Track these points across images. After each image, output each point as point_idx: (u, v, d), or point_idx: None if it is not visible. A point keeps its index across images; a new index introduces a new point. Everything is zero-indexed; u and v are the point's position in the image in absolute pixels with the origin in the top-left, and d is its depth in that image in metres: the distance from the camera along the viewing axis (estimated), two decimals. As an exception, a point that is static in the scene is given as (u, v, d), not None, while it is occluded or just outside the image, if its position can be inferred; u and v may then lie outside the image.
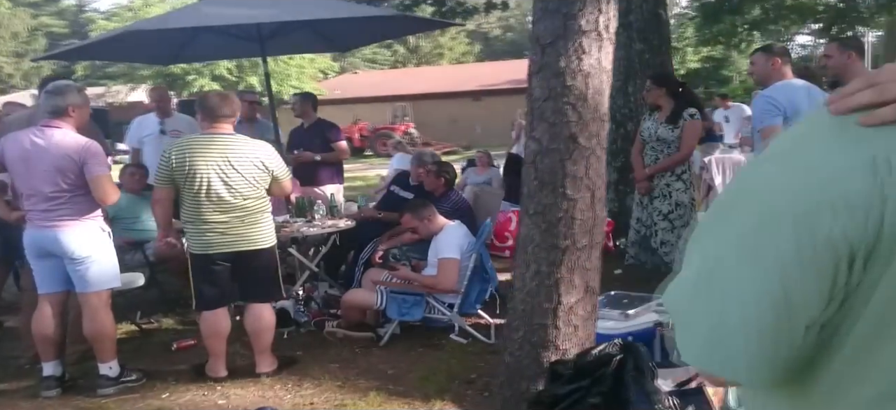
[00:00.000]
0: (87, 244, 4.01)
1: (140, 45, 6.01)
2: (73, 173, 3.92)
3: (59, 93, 4.02)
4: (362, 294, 4.81)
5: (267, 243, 4.21)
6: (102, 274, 4.10)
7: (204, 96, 4.17)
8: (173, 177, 4.00)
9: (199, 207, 4.02)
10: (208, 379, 4.28)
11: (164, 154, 4.06)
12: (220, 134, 4.07)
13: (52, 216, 3.95)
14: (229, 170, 4.00)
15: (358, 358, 4.56)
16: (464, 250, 4.71)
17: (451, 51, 47.34)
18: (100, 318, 4.11)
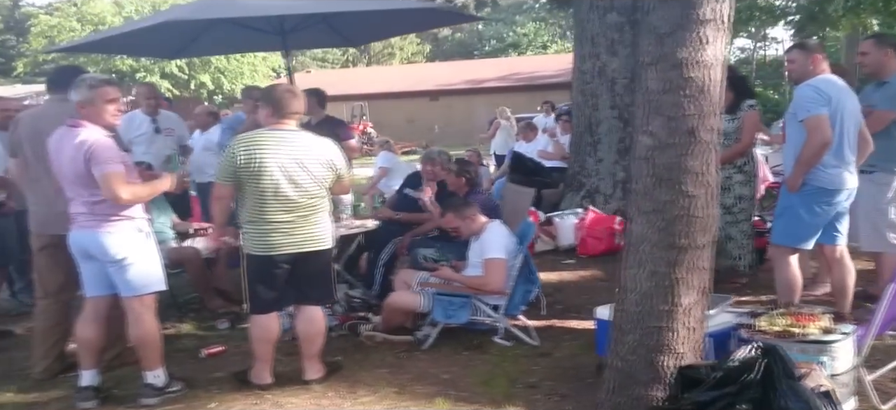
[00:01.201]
0: (123, 246, 3.78)
1: (149, 39, 5.72)
2: (85, 175, 3.68)
3: (79, 88, 3.77)
4: (406, 296, 4.66)
5: (327, 244, 4.03)
6: (143, 278, 3.87)
7: (271, 90, 3.95)
8: (238, 174, 3.78)
9: (263, 206, 3.82)
10: (253, 387, 4.07)
11: (228, 149, 3.83)
12: (287, 130, 3.88)
13: (89, 217, 3.73)
14: (298, 168, 3.82)
15: (404, 363, 4.42)
16: (509, 250, 4.61)
17: (403, 51, 47.05)
18: (144, 323, 3.89)
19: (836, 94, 4.21)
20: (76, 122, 3.73)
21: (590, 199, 7.36)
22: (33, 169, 4.14)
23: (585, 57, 7.46)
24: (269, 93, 3.97)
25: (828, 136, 4.10)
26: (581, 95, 7.55)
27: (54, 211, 4.10)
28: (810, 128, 4.11)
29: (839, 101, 4.20)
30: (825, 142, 4.10)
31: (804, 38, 13.61)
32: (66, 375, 4.36)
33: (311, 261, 3.98)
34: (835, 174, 4.22)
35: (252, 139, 3.84)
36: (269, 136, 3.84)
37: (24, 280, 5.92)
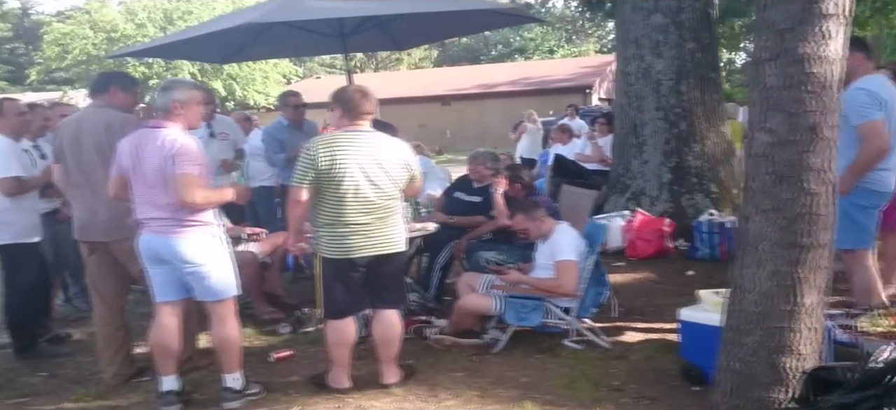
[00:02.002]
0: (200, 251, 3.75)
1: (206, 43, 5.70)
2: (173, 176, 3.65)
3: (167, 90, 3.78)
4: (479, 299, 4.62)
5: (402, 246, 3.99)
6: (221, 282, 3.84)
7: (342, 91, 3.92)
8: (317, 177, 3.74)
9: (342, 209, 3.77)
10: (332, 391, 4.03)
11: (307, 152, 3.78)
12: (363, 131, 3.84)
13: (164, 222, 3.69)
14: (377, 169, 3.78)
15: (479, 366, 4.38)
16: (580, 252, 4.57)
17: (410, 56, 47.04)
18: (227, 327, 3.87)
19: (888, 96, 4.10)
20: (158, 124, 3.71)
21: (635, 201, 7.32)
22: (75, 175, 4.11)
23: (629, 58, 7.43)
24: (341, 95, 3.92)
25: (885, 142, 3.99)
26: (625, 97, 7.52)
27: (97, 218, 4.08)
28: (867, 134, 3.97)
29: (889, 101, 4.08)
30: (882, 149, 4.00)
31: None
32: (139, 379, 4.35)
33: (386, 264, 3.94)
34: (886, 177, 4.14)
35: (331, 141, 3.80)
36: (347, 138, 3.81)
37: (79, 285, 5.90)
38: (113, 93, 4.23)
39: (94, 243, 4.18)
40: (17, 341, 4.73)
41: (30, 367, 4.62)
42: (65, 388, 4.31)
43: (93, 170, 4.04)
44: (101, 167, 4.01)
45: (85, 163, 4.04)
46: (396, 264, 4.02)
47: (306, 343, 4.97)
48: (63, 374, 4.54)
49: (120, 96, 4.25)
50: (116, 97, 4.24)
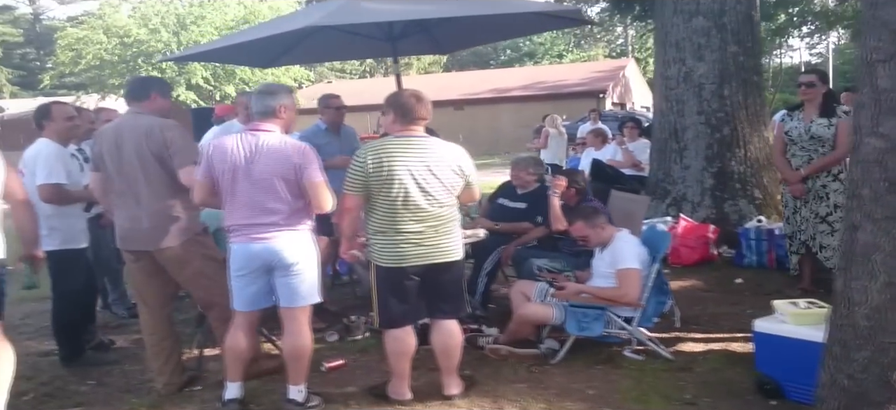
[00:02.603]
0: (302, 254, 3.70)
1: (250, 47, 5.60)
2: (293, 180, 3.60)
3: (270, 93, 3.70)
4: (539, 309, 4.50)
5: (459, 254, 3.87)
6: (311, 287, 3.78)
7: (398, 97, 3.81)
8: (367, 184, 3.64)
9: (393, 216, 3.67)
10: (394, 403, 3.91)
11: (358, 158, 3.69)
12: (415, 136, 3.73)
13: (268, 227, 3.61)
14: (428, 175, 3.66)
15: (540, 377, 4.25)
16: (642, 260, 4.44)
17: (419, 60, 47.03)
18: (305, 335, 3.79)
19: None
20: (257, 126, 3.62)
21: (676, 207, 7.19)
22: (116, 183, 4.00)
23: (669, 62, 7.30)
24: (394, 100, 3.82)
25: None
26: (665, 101, 7.39)
27: (139, 226, 3.97)
28: None
29: None
30: None
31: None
32: (191, 389, 4.24)
33: (442, 273, 3.82)
34: None
35: (381, 146, 3.70)
36: (398, 143, 3.70)
37: (117, 292, 5.81)
38: (153, 98, 4.13)
39: (138, 252, 4.06)
40: (63, 348, 4.63)
41: (77, 375, 4.51)
42: (115, 397, 4.20)
43: (134, 177, 3.92)
44: (143, 174, 3.91)
45: (126, 170, 3.92)
46: (454, 273, 3.90)
47: (356, 351, 4.86)
48: (111, 382, 4.43)
49: (159, 102, 4.16)
50: (156, 102, 4.14)
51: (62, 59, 29.24)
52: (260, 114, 3.69)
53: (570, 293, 4.52)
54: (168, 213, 3.93)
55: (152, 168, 3.87)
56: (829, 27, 12.79)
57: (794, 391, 3.65)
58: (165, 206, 3.91)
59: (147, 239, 3.97)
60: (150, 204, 3.91)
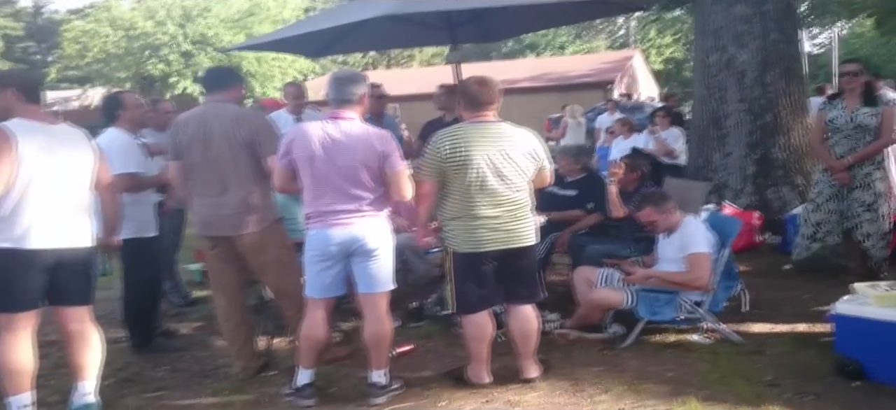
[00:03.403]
0: (382, 241, 3.74)
1: (303, 37, 5.60)
2: (375, 167, 3.62)
3: (352, 81, 3.71)
4: (610, 293, 4.52)
5: (534, 239, 3.89)
6: (389, 273, 3.80)
7: (464, 84, 3.82)
8: (443, 169, 3.65)
9: (469, 201, 3.69)
10: (473, 386, 3.94)
11: (433, 145, 3.71)
12: (489, 121, 3.74)
13: (350, 213, 3.63)
14: (503, 160, 3.68)
15: (613, 361, 4.29)
16: (712, 244, 4.47)
17: (422, 52, 46.93)
18: (384, 321, 3.81)
19: None
20: (338, 114, 3.64)
21: (717, 195, 7.21)
22: (201, 171, 4.00)
23: (709, 50, 7.32)
24: (462, 87, 3.85)
25: None
26: (706, 89, 7.41)
27: (222, 213, 3.99)
28: None
29: None
30: None
31: (884, 31, 13.43)
32: (266, 373, 4.25)
33: (518, 258, 3.84)
34: None
35: (456, 132, 3.72)
36: (472, 129, 3.72)
37: (173, 281, 5.81)
38: (235, 88, 4.19)
39: (217, 237, 4.07)
40: (134, 336, 4.63)
41: (150, 362, 4.52)
42: (194, 382, 4.22)
43: (222, 164, 3.93)
44: (231, 161, 3.92)
45: (213, 157, 3.93)
46: (529, 258, 3.91)
47: (421, 337, 4.87)
48: (185, 368, 4.45)
49: (238, 91, 4.22)
50: (237, 92, 4.20)
51: (68, 51, 29.11)
52: (340, 102, 3.69)
53: (639, 278, 4.54)
54: (249, 200, 3.95)
55: (241, 155, 3.88)
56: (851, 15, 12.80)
57: (877, 372, 3.68)
58: (248, 193, 3.93)
59: (229, 225, 3.98)
60: (235, 190, 3.92)
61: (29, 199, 3.32)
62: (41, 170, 3.34)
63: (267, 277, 4.23)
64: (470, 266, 3.79)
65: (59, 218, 3.42)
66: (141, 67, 28.02)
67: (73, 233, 3.49)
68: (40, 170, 3.34)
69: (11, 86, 3.41)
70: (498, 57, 48.17)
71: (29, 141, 3.31)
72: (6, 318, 3.39)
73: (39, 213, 3.35)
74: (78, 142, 3.59)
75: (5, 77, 3.49)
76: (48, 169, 3.37)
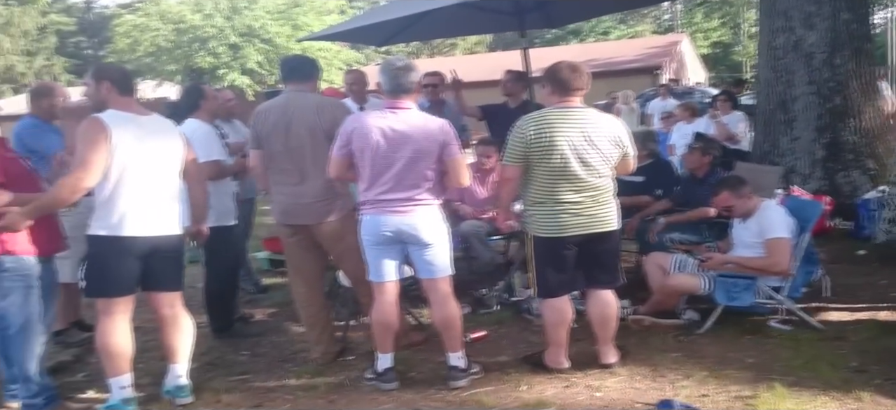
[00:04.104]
0: (435, 229, 3.76)
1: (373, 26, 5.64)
2: (433, 155, 3.66)
3: (409, 69, 3.71)
4: (687, 279, 4.49)
5: (616, 224, 3.88)
6: (446, 259, 3.84)
7: (554, 69, 3.79)
8: (528, 154, 3.66)
9: (553, 186, 3.69)
10: (552, 371, 3.95)
11: (519, 129, 3.71)
12: (574, 107, 3.73)
13: (405, 202, 3.67)
14: (587, 146, 3.67)
15: (690, 347, 4.26)
16: (791, 229, 4.39)
17: (465, 40, 46.85)
18: (450, 305, 3.84)
19: None
20: (396, 104, 3.66)
21: (784, 179, 7.07)
22: (281, 160, 4.06)
23: (777, 31, 7.16)
24: (551, 73, 3.81)
25: None
26: (772, 71, 7.26)
27: (302, 201, 4.05)
28: None
29: None
30: None
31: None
32: (345, 358, 4.32)
33: (600, 243, 3.83)
34: None
35: (542, 117, 3.71)
36: (557, 114, 3.70)
37: (246, 268, 5.92)
38: (313, 77, 4.25)
39: (296, 226, 4.14)
40: (215, 321, 4.76)
41: (230, 346, 4.64)
42: (275, 366, 4.31)
43: (303, 153, 3.99)
44: (311, 151, 3.98)
45: (294, 147, 3.99)
46: (611, 243, 3.90)
47: (492, 323, 4.90)
48: (265, 353, 4.55)
49: (315, 81, 4.28)
50: (314, 81, 4.26)
51: (120, 46, 29.73)
52: (397, 91, 3.70)
53: (716, 263, 4.49)
54: (328, 189, 4.01)
55: (321, 144, 3.94)
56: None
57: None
58: (327, 182, 3.98)
59: (308, 214, 4.05)
60: (315, 180, 3.98)
61: (123, 188, 3.42)
62: (134, 159, 3.44)
63: (345, 265, 4.29)
64: (551, 250, 3.80)
65: (152, 207, 3.52)
66: (190, 60, 28.46)
67: (165, 221, 3.59)
68: (133, 159, 3.44)
69: (107, 79, 3.51)
70: (541, 43, 47.86)
71: (122, 131, 3.41)
72: (104, 303, 3.51)
73: (133, 202, 3.45)
74: (167, 132, 3.69)
75: (101, 70, 3.59)
76: (141, 158, 3.46)
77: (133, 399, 3.61)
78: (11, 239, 3.46)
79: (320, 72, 4.27)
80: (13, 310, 3.51)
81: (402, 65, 3.72)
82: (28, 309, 3.52)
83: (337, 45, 30.07)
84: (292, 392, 3.89)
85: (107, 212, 3.43)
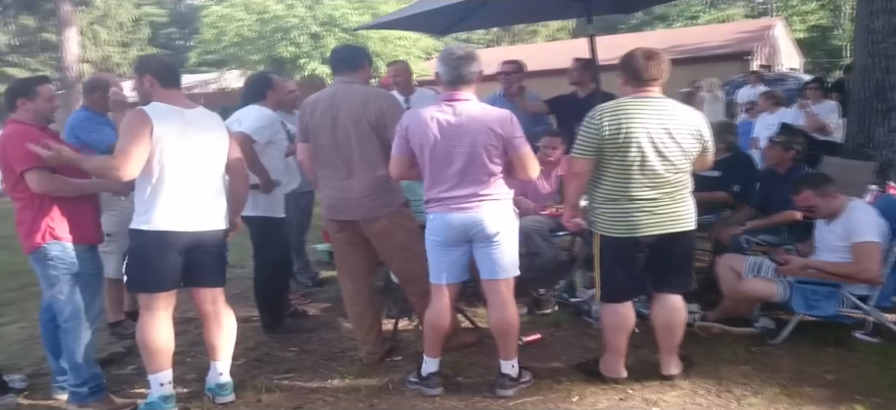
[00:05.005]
0: (505, 225, 3.53)
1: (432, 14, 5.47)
2: (496, 148, 3.42)
3: (469, 59, 3.48)
4: (761, 284, 4.13)
5: (693, 223, 3.56)
6: (512, 259, 3.59)
7: (628, 57, 3.51)
8: (602, 148, 3.38)
9: (627, 182, 3.40)
10: (607, 380, 3.69)
11: (591, 120, 3.41)
12: (652, 98, 3.42)
13: (469, 198, 3.45)
14: (667, 139, 3.36)
15: (763, 359, 3.92)
16: (882, 233, 3.97)
17: (546, 27, 46.16)
18: (509, 308, 3.61)
19: None
20: (454, 96, 3.47)
21: (880, 175, 6.47)
22: (328, 154, 3.91)
23: (876, 13, 6.53)
24: (626, 61, 3.51)
25: None
26: (868, 57, 6.64)
27: (349, 196, 3.89)
28: None
29: None
30: None
31: None
32: (392, 359, 4.19)
33: (674, 244, 3.52)
34: None
35: (618, 108, 3.41)
36: (634, 104, 3.40)
37: (301, 261, 5.89)
38: (365, 68, 4.07)
39: (343, 222, 4.01)
40: (265, 316, 4.71)
41: (279, 342, 4.57)
42: (321, 365, 4.21)
43: (348, 146, 3.85)
44: (357, 144, 3.83)
45: (341, 140, 3.85)
46: (686, 244, 3.59)
47: (548, 325, 4.67)
48: (313, 350, 4.46)
49: (368, 71, 4.10)
50: (366, 72, 4.08)
51: (206, 36, 30.61)
52: (457, 82, 3.48)
53: (795, 268, 4.11)
54: (377, 184, 3.85)
55: (367, 138, 3.80)
56: None
57: None
58: (375, 177, 3.83)
59: (355, 210, 3.91)
60: (362, 174, 3.84)
61: (166, 182, 3.37)
62: (178, 153, 3.38)
63: (393, 262, 4.13)
64: (621, 251, 3.52)
65: (195, 201, 3.46)
66: (272, 50, 29.01)
67: (209, 216, 3.52)
68: (177, 153, 3.37)
69: (149, 72, 3.46)
70: (625, 29, 46.62)
71: (165, 124, 3.35)
72: (145, 298, 3.48)
73: (176, 196, 3.39)
74: (213, 126, 3.62)
75: (143, 63, 3.55)
76: (184, 152, 3.40)
77: (172, 396, 3.58)
78: (57, 226, 3.47)
79: (368, 61, 4.09)
80: (61, 299, 3.53)
81: (463, 54, 3.50)
82: (75, 299, 3.54)
83: (416, 33, 30.05)
84: (334, 394, 3.78)
85: (149, 206, 3.38)
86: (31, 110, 3.58)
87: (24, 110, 3.57)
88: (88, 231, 3.61)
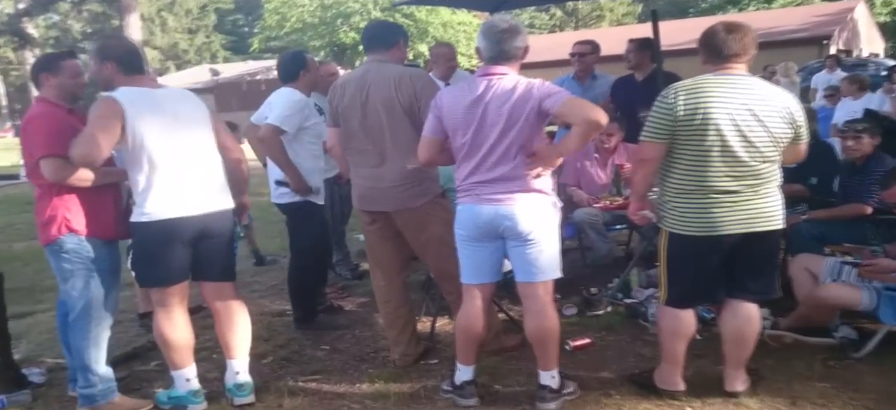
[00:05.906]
0: (539, 221, 3.13)
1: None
2: (533, 126, 3.04)
3: (514, 32, 3.08)
4: (843, 291, 3.66)
5: (780, 222, 3.10)
6: (551, 259, 3.20)
7: (708, 32, 3.06)
8: (675, 131, 2.96)
9: (704, 172, 2.97)
10: (662, 394, 3.30)
11: (665, 100, 2.99)
12: (736, 76, 2.98)
13: (505, 187, 3.08)
14: (752, 122, 2.91)
15: (844, 375, 3.47)
16: None
17: (612, 12, 45.05)
18: (548, 315, 3.23)
19: None
20: (490, 71, 3.10)
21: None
22: (358, 139, 3.62)
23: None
24: (705, 38, 3.06)
25: None
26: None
27: (380, 185, 3.59)
28: None
29: None
30: None
31: None
32: (427, 362, 3.89)
33: (757, 244, 3.07)
34: None
35: (695, 85, 2.97)
36: (715, 83, 2.96)
37: (342, 253, 5.65)
38: (399, 46, 3.71)
39: (375, 213, 3.71)
40: (297, 310, 4.48)
41: (311, 339, 4.33)
42: (351, 366, 3.95)
43: (380, 131, 3.53)
44: (389, 128, 3.51)
45: (371, 124, 3.54)
46: (770, 244, 3.15)
47: (599, 328, 4.29)
48: (345, 349, 4.19)
49: (402, 51, 3.74)
50: (400, 51, 3.72)
51: (269, 22, 30.90)
52: (498, 58, 3.10)
53: (882, 271, 3.62)
54: (410, 172, 3.53)
55: (400, 121, 3.48)
56: None
57: None
58: (408, 165, 3.51)
59: (387, 200, 3.61)
60: (394, 161, 3.53)
61: (159, 169, 3.14)
62: (159, 135, 3.14)
63: (427, 257, 3.81)
64: (694, 252, 3.09)
65: (192, 183, 3.23)
66: (334, 36, 29.07)
67: (210, 197, 3.29)
68: (159, 136, 3.13)
69: (110, 59, 3.23)
70: (695, 13, 45.06)
71: (137, 107, 3.11)
72: (158, 293, 3.28)
73: (172, 181, 3.17)
74: (185, 101, 3.36)
75: (104, 49, 3.29)
76: (166, 133, 3.16)
77: (200, 390, 3.40)
78: (74, 218, 3.28)
79: (403, 38, 3.75)
80: (74, 294, 3.34)
81: (507, 26, 3.10)
82: (88, 294, 3.34)
83: (476, 15, 29.61)
84: (360, 401, 3.50)
85: (145, 197, 3.16)
86: (56, 86, 3.37)
87: (48, 86, 3.38)
88: (107, 224, 3.39)
